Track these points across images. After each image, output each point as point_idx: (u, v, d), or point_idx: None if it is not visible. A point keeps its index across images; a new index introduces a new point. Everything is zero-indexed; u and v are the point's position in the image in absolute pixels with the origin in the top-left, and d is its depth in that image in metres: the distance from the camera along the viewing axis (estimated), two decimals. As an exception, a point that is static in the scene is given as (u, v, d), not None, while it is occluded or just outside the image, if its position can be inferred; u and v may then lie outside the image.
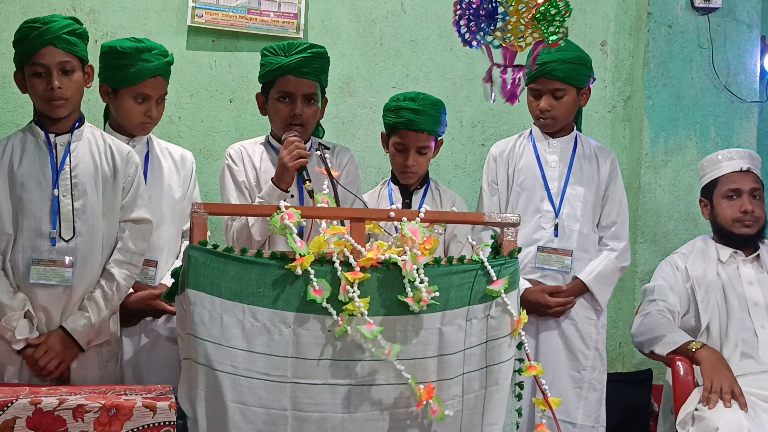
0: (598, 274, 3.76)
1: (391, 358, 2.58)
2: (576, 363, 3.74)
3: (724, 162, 3.88)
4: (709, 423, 3.31)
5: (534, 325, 3.72)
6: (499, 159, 3.90)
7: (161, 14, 4.38)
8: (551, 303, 3.71)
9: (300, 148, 3.26)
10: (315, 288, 2.57)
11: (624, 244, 3.84)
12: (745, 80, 4.68)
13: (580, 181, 3.82)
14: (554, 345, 3.74)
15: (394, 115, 3.73)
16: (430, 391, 2.60)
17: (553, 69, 3.72)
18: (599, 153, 3.91)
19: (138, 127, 3.50)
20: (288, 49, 3.46)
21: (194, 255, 2.56)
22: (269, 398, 2.56)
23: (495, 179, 3.89)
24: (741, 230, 3.80)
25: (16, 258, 3.14)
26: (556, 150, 3.86)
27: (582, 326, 3.77)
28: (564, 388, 3.69)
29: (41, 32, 3.15)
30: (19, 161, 3.19)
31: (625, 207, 3.90)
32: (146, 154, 3.52)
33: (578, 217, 3.79)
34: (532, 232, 3.77)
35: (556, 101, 3.77)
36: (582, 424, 3.71)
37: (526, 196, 3.82)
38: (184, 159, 3.63)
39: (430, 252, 2.67)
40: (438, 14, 4.58)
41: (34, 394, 2.54)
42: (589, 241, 3.81)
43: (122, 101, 3.45)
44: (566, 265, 3.75)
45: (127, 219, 3.28)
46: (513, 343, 2.77)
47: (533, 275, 3.75)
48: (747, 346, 3.65)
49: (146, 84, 3.44)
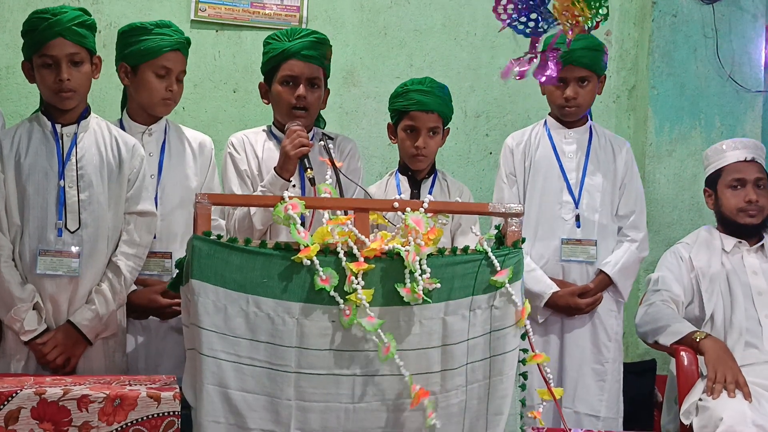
0: (622, 267, 3.76)
1: (390, 356, 2.56)
2: (599, 356, 3.75)
3: (729, 152, 3.87)
4: (713, 413, 3.31)
5: (559, 323, 3.73)
6: (516, 150, 3.87)
7: (165, 3, 4.38)
8: (582, 305, 3.71)
9: (302, 136, 3.27)
10: (322, 277, 2.57)
11: (643, 233, 3.84)
12: (749, 70, 4.67)
13: (597, 170, 3.81)
14: (581, 341, 3.75)
15: (403, 98, 3.71)
16: (423, 394, 2.58)
17: (581, 56, 3.71)
18: (614, 142, 3.91)
19: (159, 104, 3.46)
20: (291, 34, 3.47)
21: (198, 245, 2.56)
22: (273, 387, 2.56)
23: (513, 171, 3.86)
24: (745, 220, 3.79)
25: (23, 249, 3.15)
26: (573, 140, 3.85)
27: (605, 319, 3.78)
28: (589, 382, 3.70)
29: (51, 23, 3.14)
30: (25, 152, 3.19)
31: (642, 196, 3.89)
32: (163, 141, 3.52)
33: (597, 207, 3.78)
34: (552, 223, 3.76)
35: (581, 89, 3.76)
36: (605, 416, 3.72)
37: (544, 187, 3.81)
38: (202, 146, 3.60)
39: (433, 242, 2.66)
40: (442, 3, 4.58)
41: (39, 384, 2.55)
42: (609, 231, 3.81)
43: (143, 77, 3.43)
44: (591, 255, 3.75)
45: (132, 211, 3.28)
46: (517, 333, 2.76)
47: (557, 270, 3.74)
48: (751, 335, 3.65)
49: (167, 57, 3.43)
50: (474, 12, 4.67)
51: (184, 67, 3.52)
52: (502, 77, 2.97)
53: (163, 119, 3.55)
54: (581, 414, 3.70)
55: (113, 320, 3.23)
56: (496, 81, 4.70)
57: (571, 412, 3.68)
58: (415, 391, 2.56)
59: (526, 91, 4.66)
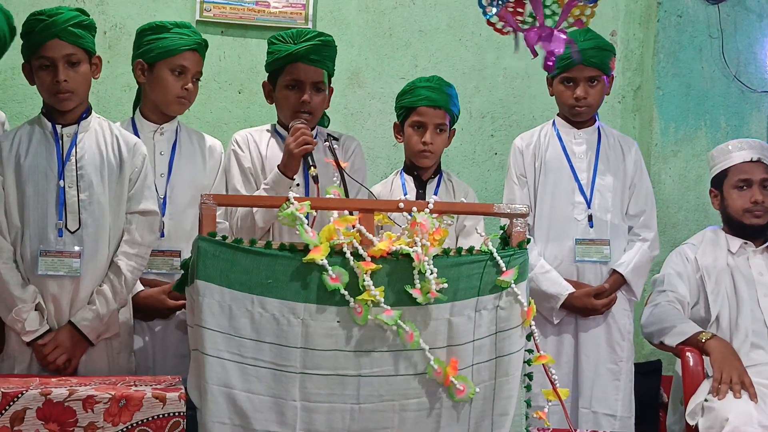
0: (635, 266, 3.77)
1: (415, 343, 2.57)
2: (614, 355, 3.76)
3: (735, 152, 3.87)
4: (719, 414, 3.31)
5: (573, 323, 3.73)
6: (526, 151, 3.87)
7: (170, 4, 4.38)
8: (598, 306, 3.72)
9: (306, 134, 3.27)
10: (332, 276, 2.56)
11: (654, 233, 3.85)
12: (755, 70, 4.67)
13: (608, 170, 3.82)
14: (596, 341, 3.75)
15: (411, 95, 3.73)
16: (455, 366, 2.60)
17: (592, 56, 3.72)
18: (623, 142, 3.92)
19: (174, 102, 3.49)
20: (297, 37, 3.46)
21: (203, 246, 2.56)
22: (278, 388, 2.56)
23: (524, 172, 3.85)
24: (751, 220, 3.79)
25: (24, 250, 3.15)
26: (583, 141, 3.85)
27: (619, 318, 3.79)
28: (605, 382, 3.71)
29: (47, 25, 3.15)
30: (25, 153, 3.19)
31: (652, 195, 3.90)
32: (174, 141, 3.54)
33: (609, 207, 3.79)
34: (565, 223, 3.76)
35: (591, 88, 3.76)
36: (621, 415, 3.73)
37: (556, 188, 3.81)
38: (212, 149, 3.63)
39: (439, 243, 2.66)
40: (447, 4, 4.58)
41: (44, 384, 2.55)
42: (620, 230, 3.81)
43: (159, 74, 3.46)
44: (606, 255, 3.75)
45: (133, 210, 3.28)
46: (523, 334, 2.76)
47: (571, 271, 3.74)
48: (757, 336, 3.65)
49: (184, 56, 3.46)
50: (479, 13, 4.65)
51: (201, 68, 3.55)
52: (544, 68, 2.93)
53: (176, 120, 3.57)
54: (599, 414, 3.70)
55: (115, 320, 3.23)
56: (501, 82, 4.70)
57: (589, 412, 3.68)
58: (447, 367, 2.57)
59: (531, 92, 4.66)
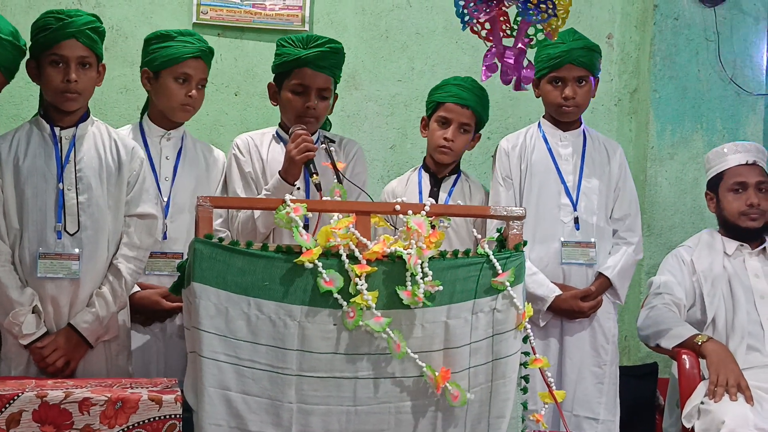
0: (621, 270, 3.76)
1: (402, 353, 2.57)
2: (598, 359, 3.74)
3: (730, 155, 3.88)
4: (715, 416, 3.31)
5: (559, 327, 3.73)
6: (511, 153, 3.86)
7: (167, 7, 4.38)
8: (585, 308, 3.71)
9: (307, 141, 3.26)
10: (326, 279, 2.57)
11: (639, 236, 3.84)
12: (751, 73, 4.67)
13: (593, 173, 3.81)
14: (580, 344, 3.74)
15: (442, 90, 3.75)
16: (446, 375, 2.60)
17: (580, 56, 3.72)
18: (608, 145, 3.91)
19: (178, 109, 3.52)
20: (306, 42, 3.47)
21: (200, 248, 2.56)
22: (274, 390, 2.56)
23: (509, 174, 3.84)
24: (747, 223, 3.79)
25: (23, 252, 3.15)
26: (569, 143, 3.84)
27: (603, 322, 3.77)
28: (588, 385, 3.70)
29: (65, 24, 3.16)
30: (24, 155, 3.19)
31: (636, 199, 3.90)
32: (180, 147, 3.57)
33: (595, 210, 3.78)
34: (551, 225, 3.76)
35: (579, 88, 3.77)
36: (604, 419, 3.72)
37: (542, 190, 3.80)
38: (216, 159, 3.66)
39: (435, 245, 2.66)
40: (443, 7, 4.57)
41: (40, 387, 2.54)
42: (605, 233, 3.80)
43: (163, 82, 3.49)
44: (591, 257, 3.74)
45: (132, 214, 3.28)
46: (519, 336, 2.77)
47: (557, 273, 3.73)
48: (753, 338, 3.65)
49: (187, 64, 3.48)
50: (475, 15, 4.66)
51: (206, 75, 3.57)
52: (482, 79, 3.00)
53: (182, 127, 3.61)
54: (581, 417, 3.70)
55: (114, 323, 3.23)
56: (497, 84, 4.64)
57: (570, 415, 3.67)
58: (437, 374, 2.58)
59: (527, 95, 4.63)
